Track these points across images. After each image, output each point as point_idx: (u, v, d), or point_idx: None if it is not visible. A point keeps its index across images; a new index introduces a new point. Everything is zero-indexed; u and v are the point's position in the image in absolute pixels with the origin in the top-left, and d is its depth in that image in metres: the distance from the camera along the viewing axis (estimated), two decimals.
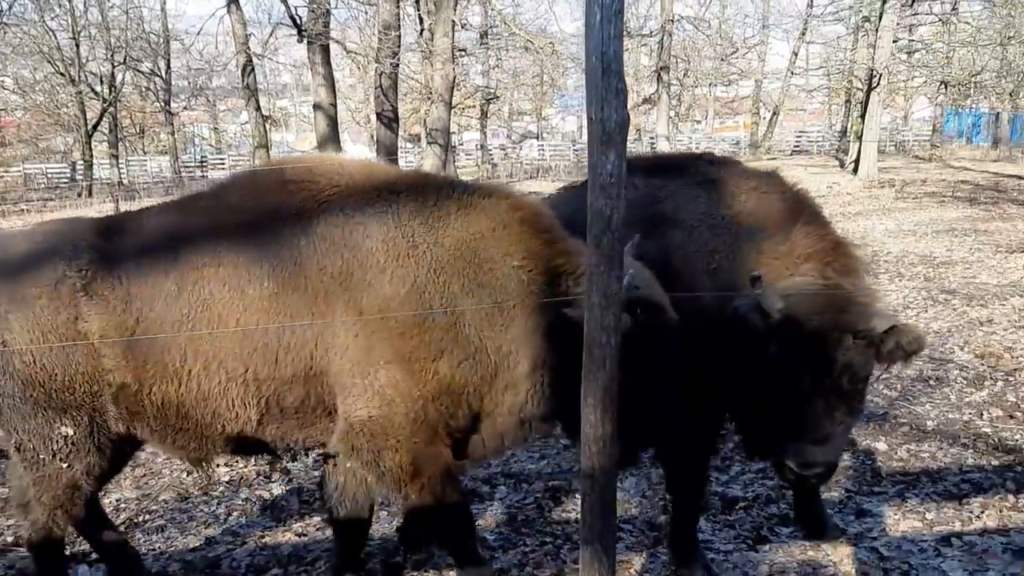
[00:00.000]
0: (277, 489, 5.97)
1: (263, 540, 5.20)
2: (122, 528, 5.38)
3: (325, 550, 4.95)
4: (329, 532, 5.21)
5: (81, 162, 38.62)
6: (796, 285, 3.81)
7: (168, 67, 42.71)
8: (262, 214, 3.71)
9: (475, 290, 3.58)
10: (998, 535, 4.70)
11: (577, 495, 5.59)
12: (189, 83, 48.35)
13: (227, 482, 6.12)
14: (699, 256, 4.16)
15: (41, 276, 3.60)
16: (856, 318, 3.63)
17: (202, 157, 51.22)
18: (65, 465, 3.70)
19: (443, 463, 3.72)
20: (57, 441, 3.66)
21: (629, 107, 2.92)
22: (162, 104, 43.62)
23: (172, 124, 44.69)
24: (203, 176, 45.66)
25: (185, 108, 50.36)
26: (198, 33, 32.13)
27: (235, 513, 5.65)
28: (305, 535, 5.24)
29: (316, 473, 6.24)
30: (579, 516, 5.17)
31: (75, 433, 3.66)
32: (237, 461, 6.47)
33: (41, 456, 3.69)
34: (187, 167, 46.54)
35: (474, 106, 46.04)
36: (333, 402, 3.67)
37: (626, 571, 4.53)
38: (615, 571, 3.27)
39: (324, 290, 3.55)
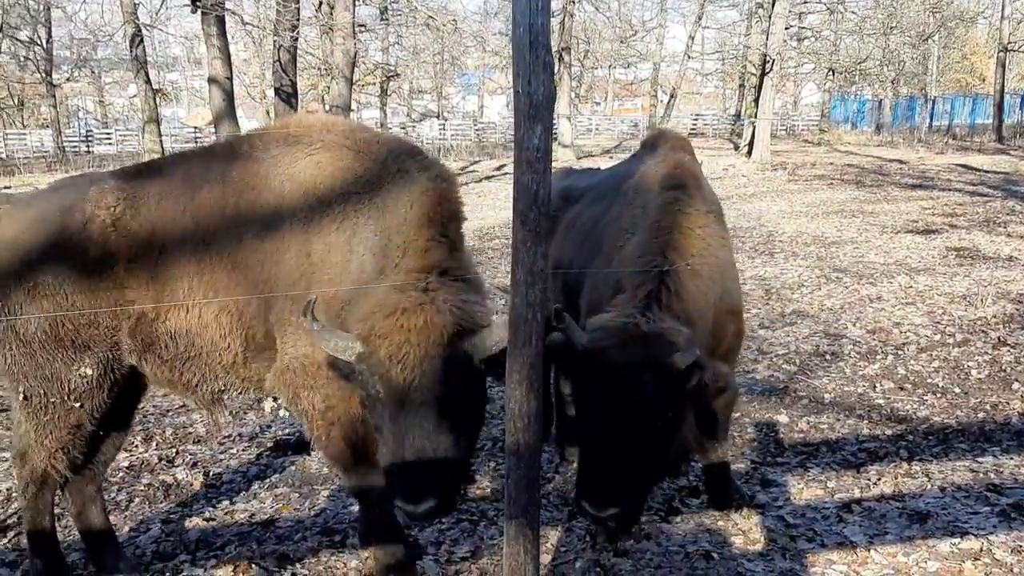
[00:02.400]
0: (181, 473, 5.78)
1: (168, 526, 5.03)
2: (15, 519, 5.13)
3: (235, 535, 4.83)
4: (237, 516, 5.11)
5: None
6: (601, 321, 3.89)
7: (49, 36, 40.65)
8: (263, 162, 3.96)
9: (378, 253, 3.69)
10: (894, 500, 4.92)
11: (491, 473, 5.61)
12: (72, 53, 46.16)
13: (127, 467, 5.90)
14: None
15: (71, 218, 3.84)
16: (657, 353, 3.67)
17: (87, 131, 48.97)
18: (78, 404, 3.91)
19: (356, 406, 3.81)
20: (74, 382, 3.88)
21: None
22: (43, 75, 41.51)
23: (54, 96, 42.59)
24: (88, 151, 43.71)
25: (68, 80, 48.06)
26: (83, 1, 30.73)
27: (137, 499, 5.45)
28: (213, 520, 5.08)
29: (221, 457, 6.08)
30: (493, 493, 5.23)
31: (94, 372, 3.89)
32: (136, 446, 6.25)
33: (51, 400, 3.90)
34: (71, 141, 44.46)
35: (374, 83, 45.37)
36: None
37: (543, 545, 4.56)
38: (539, 545, 3.29)
39: (291, 232, 3.79)
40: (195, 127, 48.37)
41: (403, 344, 3.22)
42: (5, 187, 24.99)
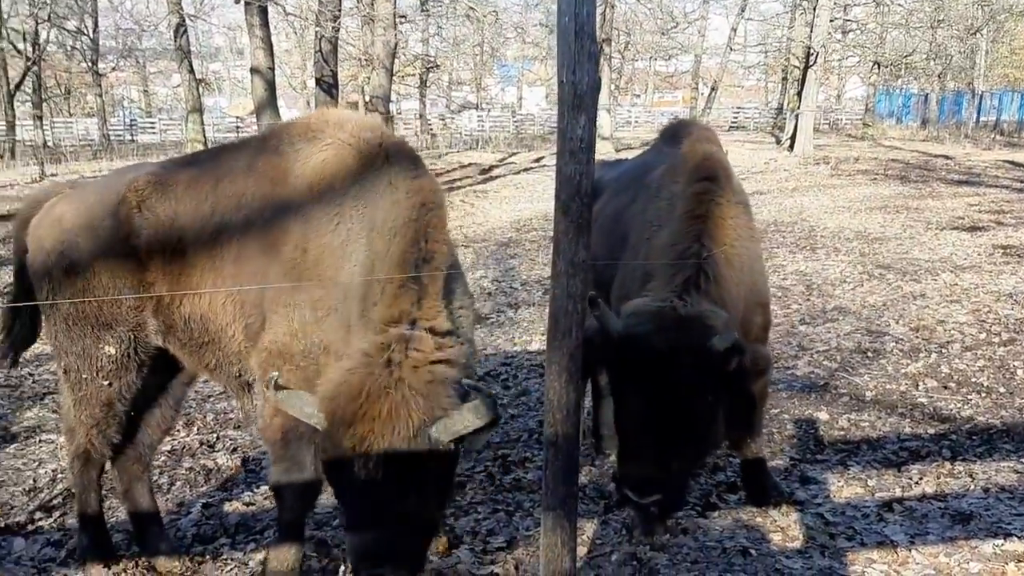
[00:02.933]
0: (222, 459, 5.85)
1: (209, 510, 5.10)
2: (60, 499, 5.24)
3: (274, 519, 4.85)
4: None
5: (2, 123, 37.07)
6: (636, 306, 3.85)
7: (95, 26, 41.24)
8: (285, 155, 3.94)
9: (366, 273, 3.59)
10: (936, 500, 4.85)
11: (526, 464, 5.62)
12: (118, 43, 46.83)
13: (169, 451, 5.98)
14: None
15: (107, 199, 3.99)
16: (695, 337, 3.64)
17: (132, 120, 49.68)
18: (106, 383, 4.06)
19: None
20: (101, 360, 4.03)
21: None
22: (89, 64, 42.16)
23: (100, 85, 43.24)
24: (132, 140, 44.33)
25: (113, 69, 48.78)
26: None
27: (178, 483, 5.53)
28: (252, 504, 5.15)
29: (260, 442, 6.14)
30: (529, 484, 5.23)
31: (116, 351, 4.02)
32: (178, 431, 6.33)
33: (84, 376, 4.07)
34: (116, 130, 45.12)
35: (414, 74, 45.49)
36: None
37: (578, 538, 4.55)
38: (576, 537, 3.28)
39: (291, 226, 3.77)
40: (237, 117, 48.86)
41: (367, 435, 3.10)
42: (52, 174, 25.42)
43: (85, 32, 40.87)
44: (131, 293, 3.93)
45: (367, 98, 25.50)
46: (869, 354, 7.74)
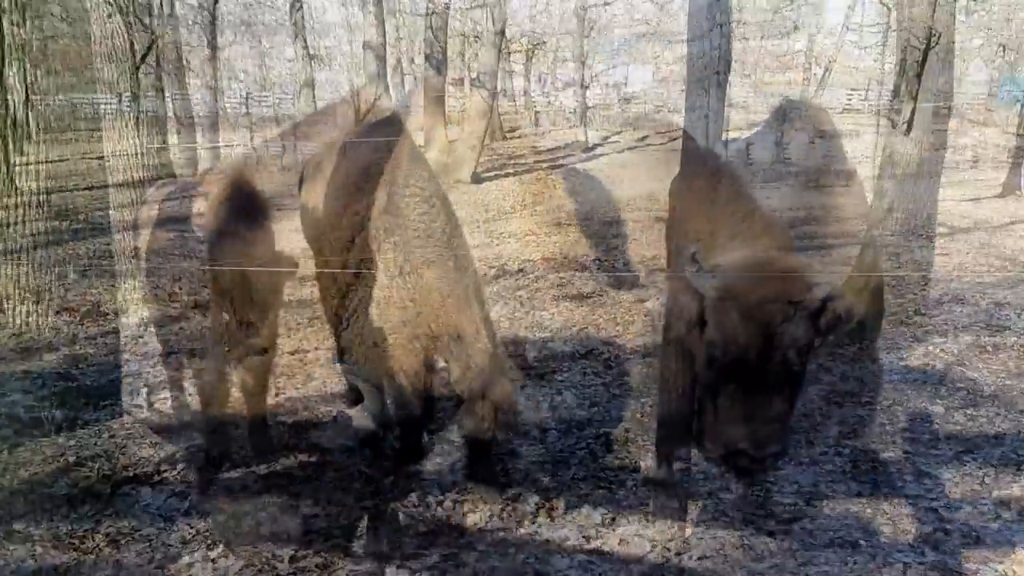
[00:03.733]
0: None
1: None
2: (186, 452, 5.50)
3: None
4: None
5: (128, 94, 38.75)
6: (735, 257, 3.77)
7: (215, 1, 42.61)
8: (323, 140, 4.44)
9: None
10: None
11: (628, 443, 5.61)
12: (235, 18, 48.29)
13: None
14: None
15: (216, 188, 4.53)
16: (791, 288, 3.52)
17: (247, 93, 51.23)
18: (225, 348, 4.56)
19: None
20: (221, 325, 4.53)
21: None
22: (208, 39, 43.64)
23: (217, 59, 44.73)
24: (247, 113, 45.72)
25: (232, 44, 50.34)
26: None
27: None
28: None
29: None
30: (631, 463, 5.23)
31: (229, 319, 4.46)
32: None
33: (214, 337, 4.67)
34: (231, 103, 46.61)
35: (520, 51, 45.44)
36: None
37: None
38: (686, 515, 3.28)
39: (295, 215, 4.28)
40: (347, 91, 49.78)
41: None
42: (173, 144, 26.43)
43: (205, 7, 42.27)
44: (220, 272, 4.34)
45: (474, 75, 25.64)
46: (988, 348, 7.43)
